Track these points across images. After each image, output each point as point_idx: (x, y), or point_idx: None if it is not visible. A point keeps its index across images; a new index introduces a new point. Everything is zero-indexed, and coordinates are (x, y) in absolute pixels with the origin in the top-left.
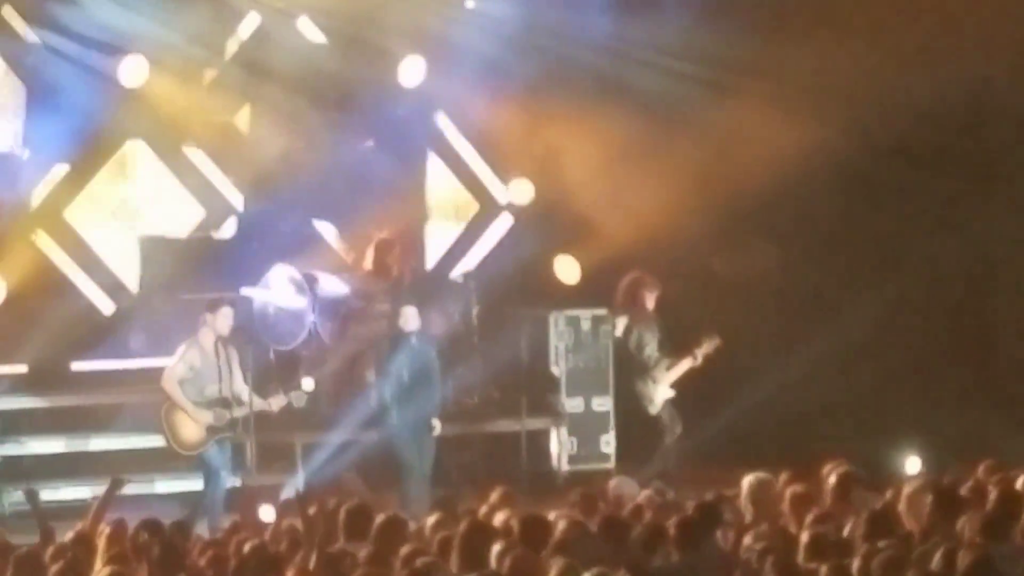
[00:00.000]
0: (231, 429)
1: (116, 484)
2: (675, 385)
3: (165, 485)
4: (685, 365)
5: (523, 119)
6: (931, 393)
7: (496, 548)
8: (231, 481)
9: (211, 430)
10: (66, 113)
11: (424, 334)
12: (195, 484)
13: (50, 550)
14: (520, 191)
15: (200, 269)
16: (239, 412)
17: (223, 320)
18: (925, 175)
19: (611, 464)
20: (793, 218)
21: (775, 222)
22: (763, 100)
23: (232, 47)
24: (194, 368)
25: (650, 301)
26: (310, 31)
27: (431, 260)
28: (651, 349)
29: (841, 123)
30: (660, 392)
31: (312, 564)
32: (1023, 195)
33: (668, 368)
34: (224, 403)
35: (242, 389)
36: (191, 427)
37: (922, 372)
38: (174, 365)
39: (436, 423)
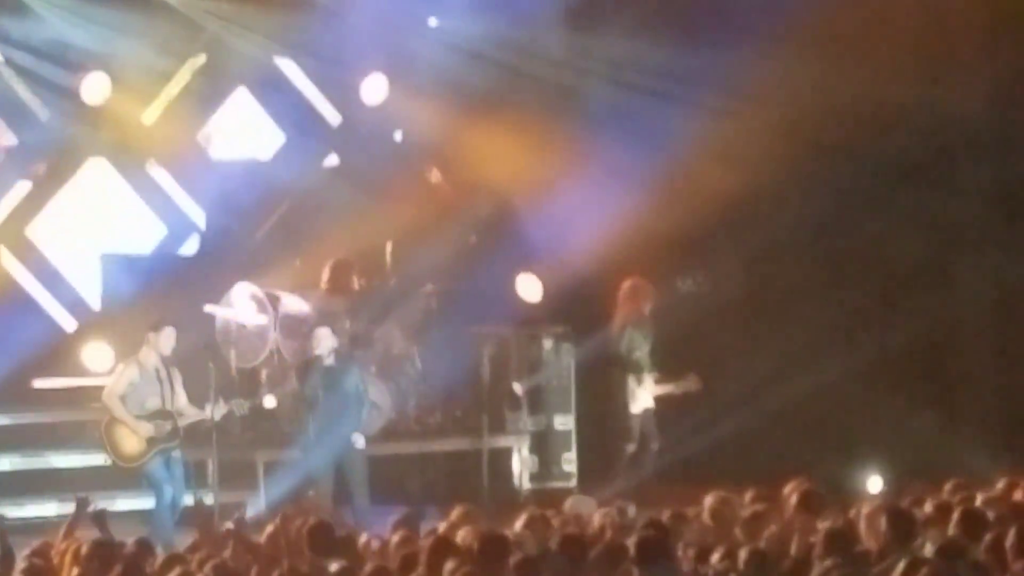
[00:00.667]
0: (171, 440)
1: (82, 504)
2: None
3: (126, 503)
4: (668, 388)
5: (485, 136)
6: (894, 412)
7: (449, 566)
8: (183, 497)
9: (151, 441)
10: (28, 129)
11: (341, 355)
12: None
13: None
14: (482, 209)
15: (162, 286)
16: (180, 422)
17: (165, 340)
18: (883, 189)
19: (573, 483)
20: (755, 235)
21: (737, 239)
22: (725, 113)
23: (195, 64)
24: (133, 384)
25: (646, 307)
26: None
27: (393, 277)
28: (642, 353)
29: (803, 134)
30: (643, 397)
31: None
32: (980, 209)
33: (656, 381)
34: (164, 415)
35: (184, 403)
36: (131, 440)
37: (886, 391)
38: (115, 381)
39: (359, 438)
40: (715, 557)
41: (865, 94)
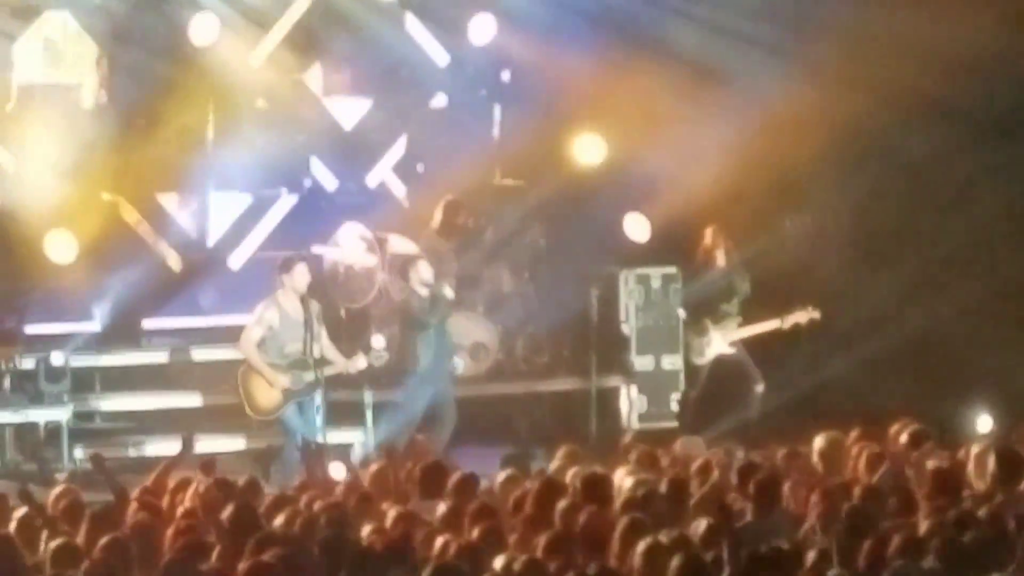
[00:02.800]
0: (309, 392)
1: (187, 443)
2: (741, 343)
3: (235, 443)
4: (768, 326)
5: (592, 78)
6: (1005, 352)
7: (561, 505)
8: (315, 438)
9: (287, 393)
10: (140, 70)
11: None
12: (266, 442)
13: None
14: (591, 149)
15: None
16: (320, 372)
17: (300, 277)
18: (984, 134)
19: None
20: (860, 175)
21: (843, 179)
22: (827, 61)
23: (302, 5)
24: (273, 328)
25: (722, 257)
26: None
27: (499, 219)
28: (720, 301)
29: (904, 80)
30: (714, 346)
31: (389, 522)
32: None
33: (740, 325)
34: (303, 364)
35: (326, 347)
36: (267, 391)
37: (995, 330)
38: (250, 327)
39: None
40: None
41: (964, 41)
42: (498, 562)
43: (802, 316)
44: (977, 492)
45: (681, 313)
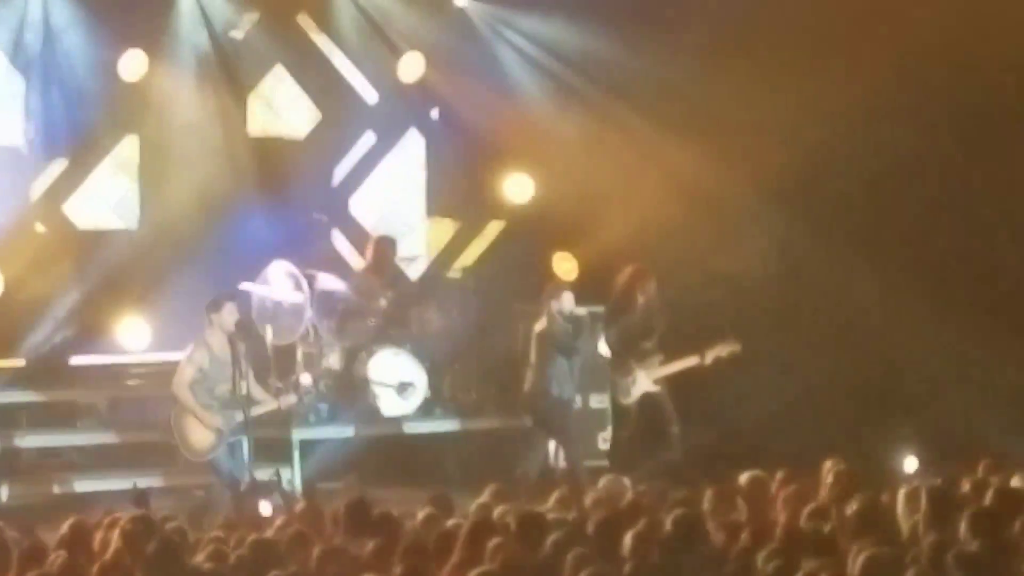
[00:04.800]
0: (241, 432)
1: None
2: (663, 381)
3: (162, 480)
4: (687, 363)
5: (520, 117)
6: (930, 393)
7: (491, 544)
8: (243, 477)
9: (220, 434)
10: (66, 107)
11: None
12: (192, 479)
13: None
14: (519, 188)
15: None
16: (251, 412)
17: (228, 316)
18: (932, 170)
19: (610, 461)
20: (793, 212)
21: (775, 217)
22: (762, 95)
23: (233, 41)
24: (203, 369)
25: (640, 295)
26: (309, 26)
27: (430, 257)
28: (644, 340)
29: (851, 122)
30: (639, 385)
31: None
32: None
33: (662, 362)
34: (234, 404)
35: (254, 386)
36: (200, 432)
37: (922, 371)
38: (182, 368)
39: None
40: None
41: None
42: None
43: (723, 350)
44: (905, 533)
45: (604, 351)
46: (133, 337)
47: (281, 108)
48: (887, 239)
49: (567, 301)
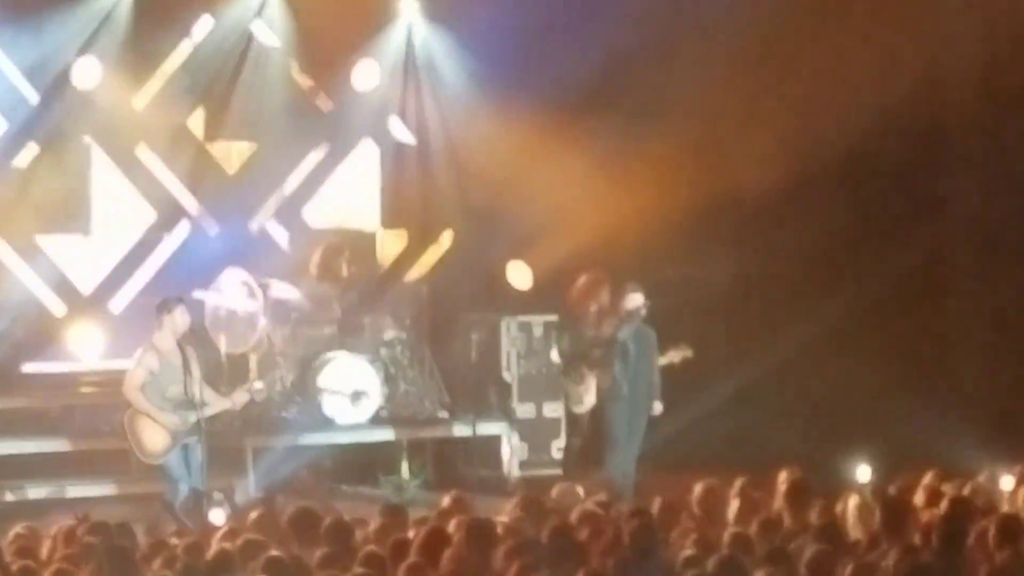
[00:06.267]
0: (195, 432)
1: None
2: None
3: (115, 488)
4: None
5: (475, 124)
6: (883, 401)
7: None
8: (200, 484)
9: (175, 435)
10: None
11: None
12: (145, 487)
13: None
14: (473, 196)
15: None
16: (203, 412)
17: (180, 318)
18: (882, 182)
19: (562, 470)
20: (747, 226)
21: (730, 230)
22: (720, 107)
23: (186, 49)
24: (153, 372)
25: (596, 303)
26: (264, 35)
27: (384, 265)
28: (595, 349)
29: (801, 133)
30: (592, 393)
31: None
32: (977, 203)
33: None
34: (187, 404)
35: (206, 392)
36: (155, 434)
37: (875, 379)
38: (133, 371)
39: (657, 405)
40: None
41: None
42: None
43: (675, 356)
44: (856, 541)
45: (556, 360)
46: (85, 345)
47: (234, 115)
48: (842, 247)
49: (632, 302)
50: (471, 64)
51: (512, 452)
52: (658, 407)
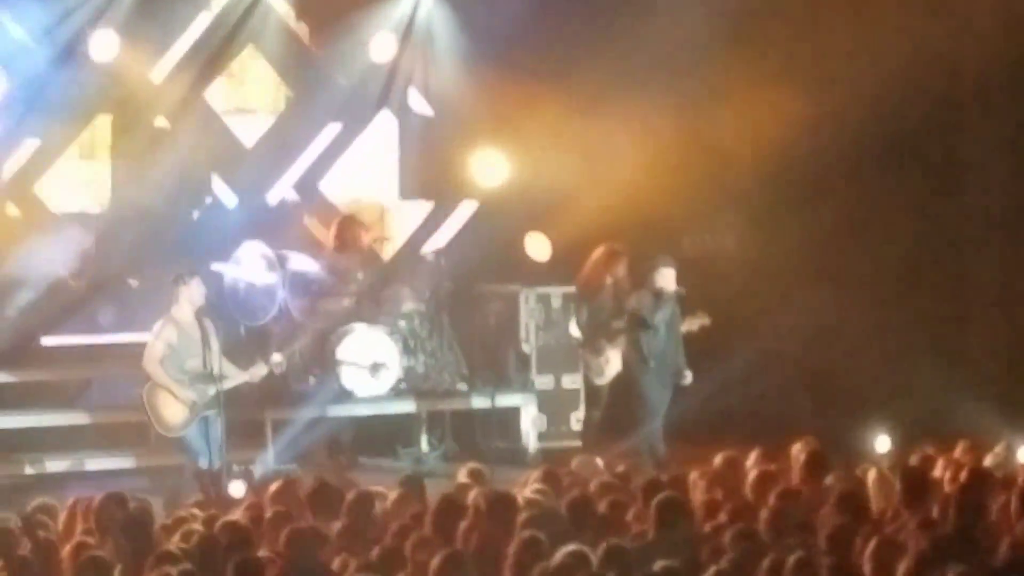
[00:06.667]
0: (214, 405)
1: None
2: None
3: (134, 460)
4: None
5: (493, 96)
6: (902, 372)
7: (463, 525)
8: (219, 459)
9: (194, 407)
10: (37, 87)
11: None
12: (164, 459)
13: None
14: (493, 168)
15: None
16: (222, 385)
17: (196, 289)
18: (901, 155)
19: (581, 441)
20: (764, 197)
21: (746, 201)
22: (737, 78)
23: (203, 21)
24: (171, 344)
25: (612, 275)
26: (280, 6)
27: (402, 237)
28: (613, 321)
29: (818, 106)
30: (612, 364)
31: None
32: (993, 180)
33: None
34: (206, 377)
35: (225, 364)
36: (173, 407)
37: (893, 351)
38: (152, 344)
39: (688, 374)
40: (723, 516)
41: (874, 59)
42: None
43: (693, 324)
44: (878, 513)
45: (575, 333)
46: (105, 318)
47: (253, 88)
48: (862, 221)
49: (663, 278)
50: (486, 36)
51: (531, 424)
52: (688, 376)
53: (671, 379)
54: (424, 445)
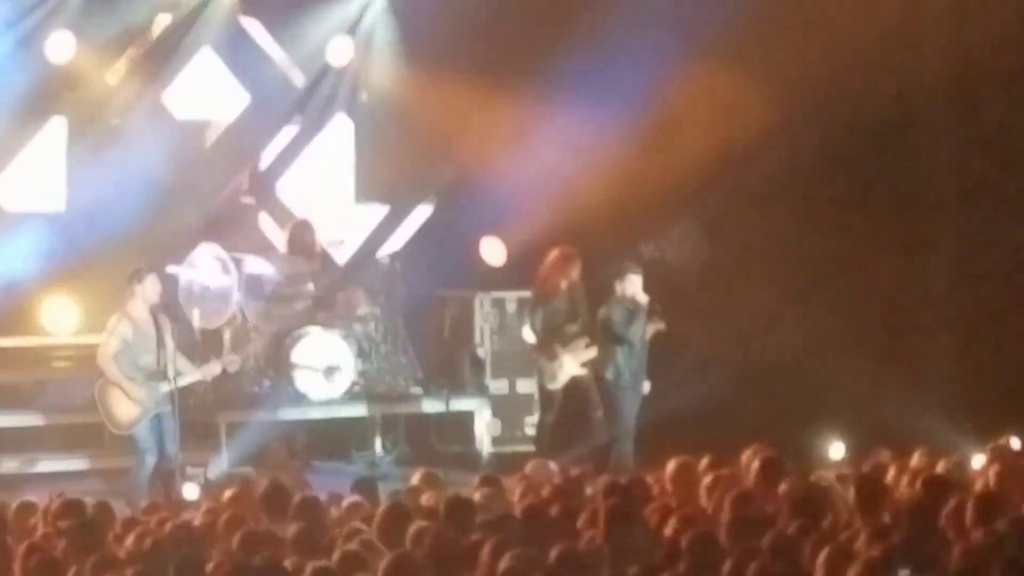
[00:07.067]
0: (166, 404)
1: None
2: (591, 364)
3: (85, 462)
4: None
5: (449, 99)
6: (855, 378)
7: (412, 529)
8: (175, 455)
9: (144, 405)
10: None
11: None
12: (117, 462)
13: None
14: (447, 172)
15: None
16: (176, 383)
17: (151, 286)
18: (845, 153)
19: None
20: (718, 201)
21: (700, 205)
22: (692, 82)
23: (160, 24)
24: (126, 340)
25: (566, 279)
26: (236, 9)
27: (358, 240)
28: (570, 324)
29: (778, 111)
30: (566, 370)
31: (235, 544)
32: (947, 187)
33: (587, 346)
34: (159, 375)
35: (180, 362)
36: (125, 405)
37: (846, 357)
38: (106, 340)
39: (647, 383)
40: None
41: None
42: None
43: (649, 329)
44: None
45: (528, 338)
46: (59, 319)
47: (209, 91)
48: (817, 226)
49: (632, 285)
50: (438, 38)
51: (485, 428)
52: (646, 386)
53: (640, 391)
54: (378, 449)
